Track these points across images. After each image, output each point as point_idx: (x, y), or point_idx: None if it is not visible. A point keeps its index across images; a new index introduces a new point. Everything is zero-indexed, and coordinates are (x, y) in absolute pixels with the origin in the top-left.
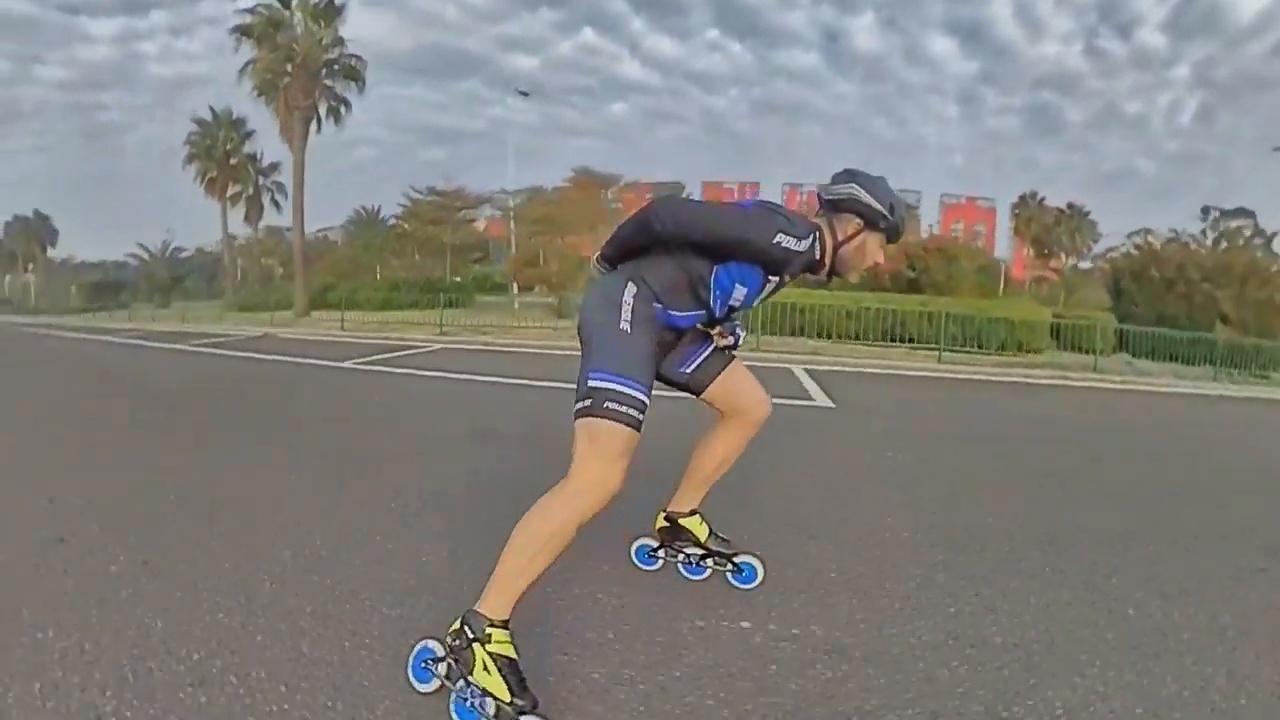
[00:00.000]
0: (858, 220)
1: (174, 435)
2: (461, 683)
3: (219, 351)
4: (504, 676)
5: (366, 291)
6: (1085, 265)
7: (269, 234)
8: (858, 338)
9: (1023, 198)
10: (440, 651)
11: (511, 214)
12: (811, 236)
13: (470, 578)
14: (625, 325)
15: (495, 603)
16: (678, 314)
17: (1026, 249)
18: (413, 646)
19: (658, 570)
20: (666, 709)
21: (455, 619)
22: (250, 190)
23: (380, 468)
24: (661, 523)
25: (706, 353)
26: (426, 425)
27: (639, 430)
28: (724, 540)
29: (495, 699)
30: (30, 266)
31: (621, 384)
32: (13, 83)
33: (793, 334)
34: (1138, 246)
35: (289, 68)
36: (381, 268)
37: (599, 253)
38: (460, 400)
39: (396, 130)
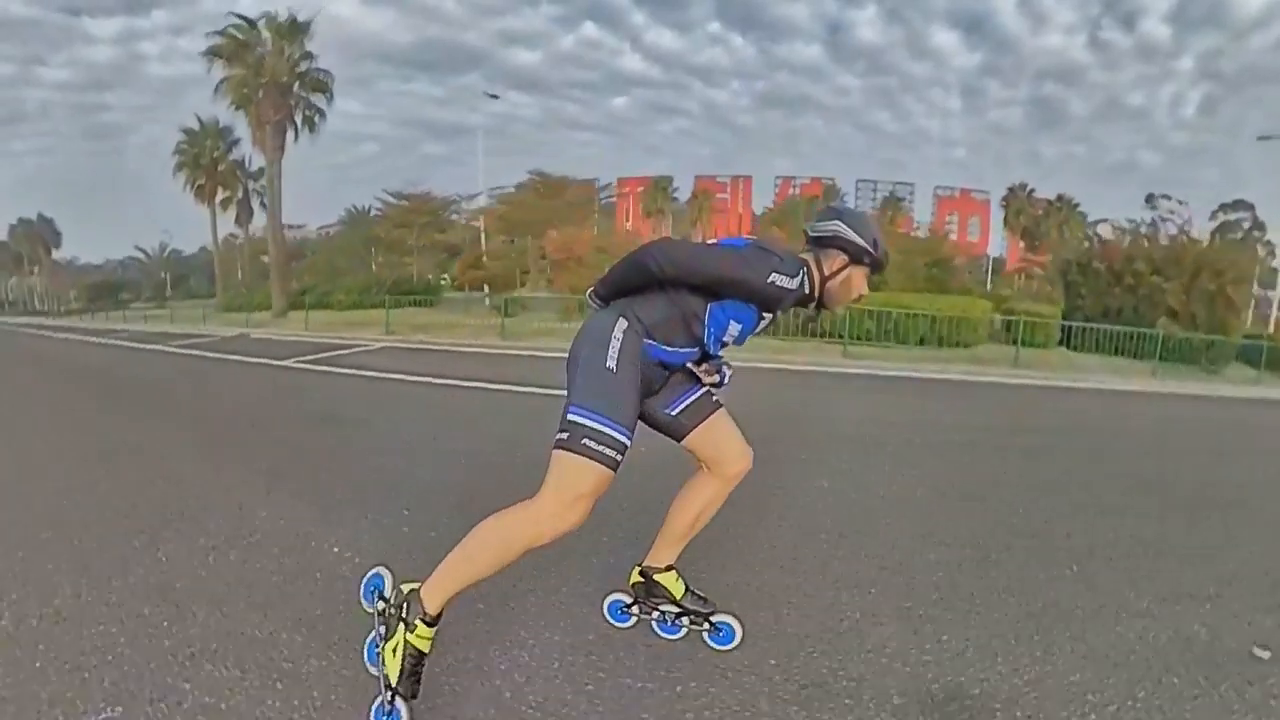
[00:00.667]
0: (843, 255)
1: (80, 411)
2: (377, 636)
3: (187, 351)
4: (403, 663)
5: (339, 293)
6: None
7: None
8: (773, 333)
9: (1011, 189)
10: (386, 590)
11: (481, 216)
12: (801, 273)
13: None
14: (611, 363)
15: (431, 597)
16: (669, 350)
17: (1018, 241)
18: (368, 569)
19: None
20: None
21: (412, 581)
22: (240, 194)
23: (223, 445)
24: (636, 578)
25: (695, 396)
26: (287, 411)
27: (615, 470)
28: (701, 598)
29: (386, 675)
30: (35, 269)
31: (602, 423)
32: (15, 85)
33: None
34: (1088, 238)
35: (260, 84)
36: (360, 268)
37: (592, 290)
38: (338, 392)
39: (399, 125)
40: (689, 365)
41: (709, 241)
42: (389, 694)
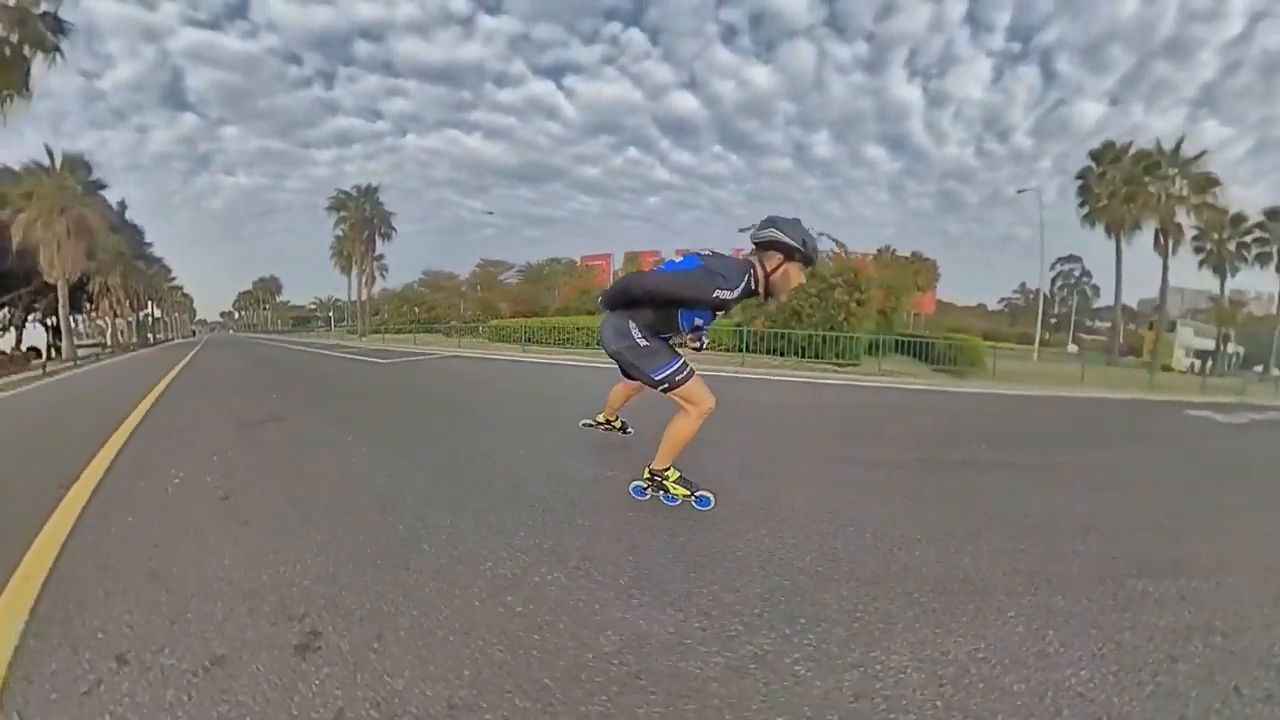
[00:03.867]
0: (779, 255)
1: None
2: (640, 487)
3: (320, 350)
4: (683, 485)
5: (402, 324)
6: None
7: (382, 293)
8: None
9: (879, 250)
10: (644, 485)
11: (477, 284)
12: (745, 276)
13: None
14: (642, 341)
15: (662, 462)
16: (661, 334)
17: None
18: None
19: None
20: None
21: (645, 471)
22: (368, 268)
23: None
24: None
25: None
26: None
27: (696, 374)
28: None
29: (681, 496)
30: (267, 305)
31: (670, 367)
32: (269, 191)
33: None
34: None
35: (353, 221)
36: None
37: (602, 297)
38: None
39: (507, 218)
40: (683, 334)
41: (672, 261)
42: (693, 496)
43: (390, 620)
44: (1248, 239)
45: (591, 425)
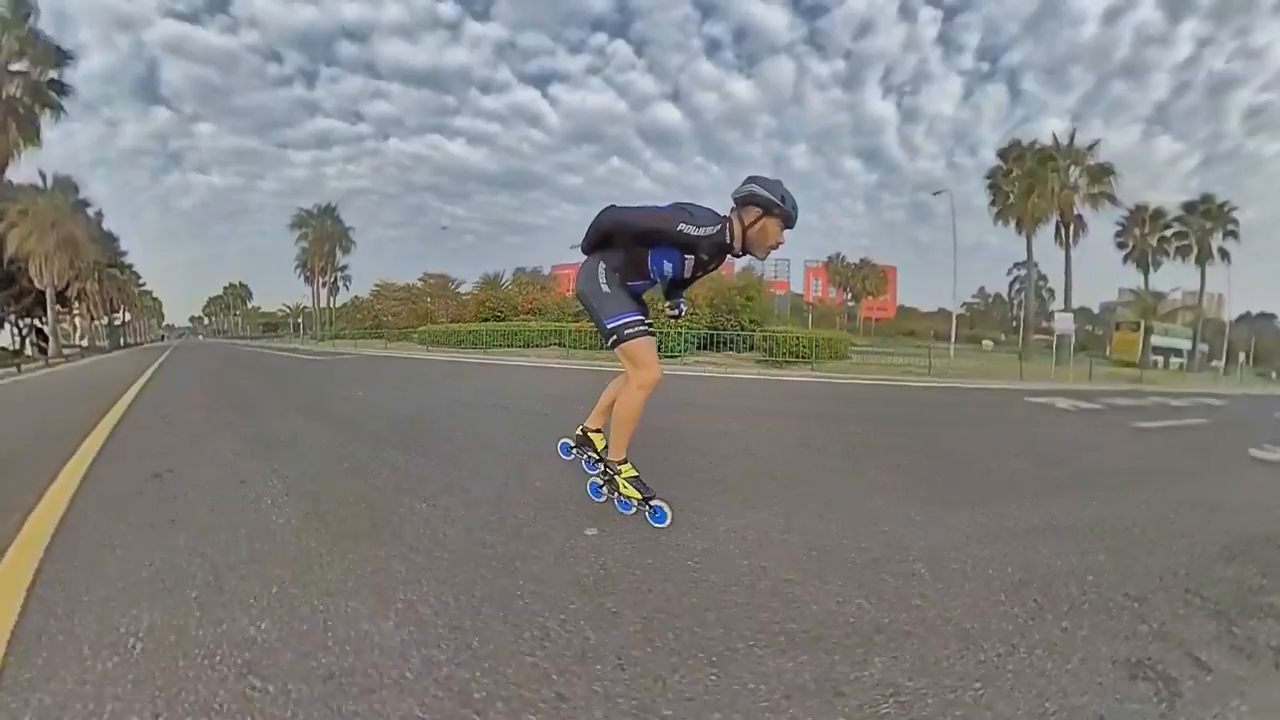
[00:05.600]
0: (757, 209)
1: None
2: (596, 485)
3: (273, 350)
4: (635, 488)
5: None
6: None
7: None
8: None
9: (830, 257)
10: (572, 445)
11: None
12: (719, 225)
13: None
14: (605, 287)
15: (616, 450)
16: (630, 283)
17: (837, 290)
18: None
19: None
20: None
21: (603, 448)
22: (332, 279)
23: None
24: (577, 432)
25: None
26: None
27: (652, 333)
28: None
29: (633, 499)
30: (237, 312)
31: (624, 317)
32: (242, 192)
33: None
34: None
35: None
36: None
37: (582, 242)
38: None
39: (489, 224)
40: (665, 305)
41: (645, 206)
42: (647, 505)
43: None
44: (1168, 233)
45: (572, 447)
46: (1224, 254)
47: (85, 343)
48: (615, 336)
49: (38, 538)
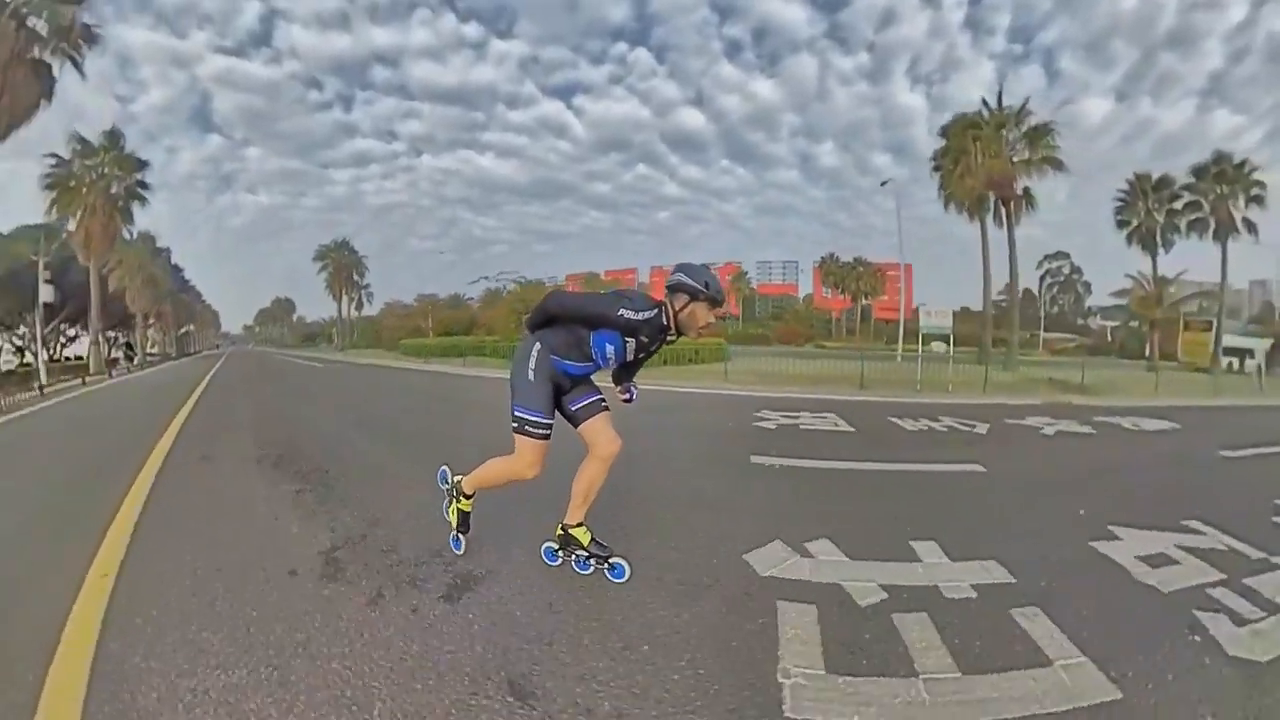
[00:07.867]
0: (685, 295)
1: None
2: (447, 503)
3: (298, 359)
4: (457, 516)
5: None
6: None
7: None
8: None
9: (824, 257)
10: (449, 479)
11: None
12: (656, 310)
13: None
14: (531, 375)
15: (468, 487)
16: (570, 364)
17: (832, 290)
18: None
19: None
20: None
21: (458, 479)
22: (356, 296)
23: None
24: (559, 532)
25: (589, 400)
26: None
27: (546, 438)
28: (602, 545)
29: (451, 523)
30: (283, 323)
31: (531, 414)
32: (287, 209)
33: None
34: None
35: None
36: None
37: (526, 320)
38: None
39: (520, 234)
40: (617, 390)
41: (588, 292)
42: (454, 533)
43: None
44: (1177, 205)
45: (557, 550)
46: (1249, 225)
47: (157, 351)
48: (517, 425)
49: (153, 467)
